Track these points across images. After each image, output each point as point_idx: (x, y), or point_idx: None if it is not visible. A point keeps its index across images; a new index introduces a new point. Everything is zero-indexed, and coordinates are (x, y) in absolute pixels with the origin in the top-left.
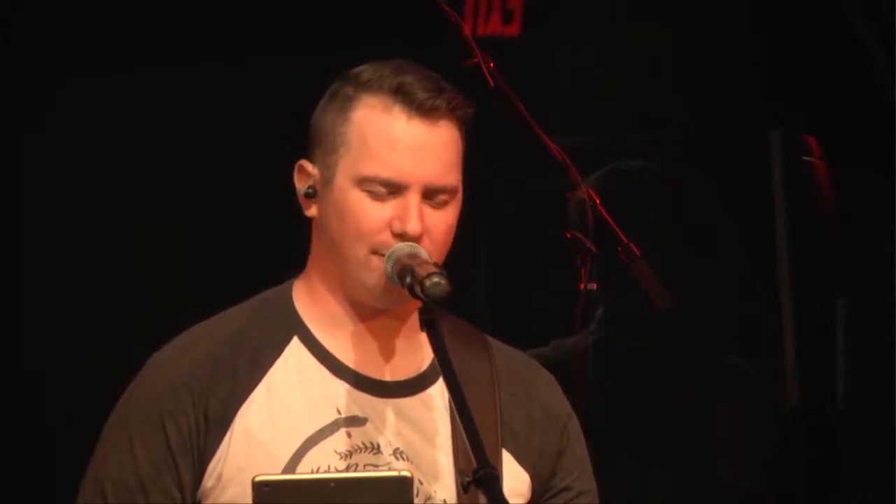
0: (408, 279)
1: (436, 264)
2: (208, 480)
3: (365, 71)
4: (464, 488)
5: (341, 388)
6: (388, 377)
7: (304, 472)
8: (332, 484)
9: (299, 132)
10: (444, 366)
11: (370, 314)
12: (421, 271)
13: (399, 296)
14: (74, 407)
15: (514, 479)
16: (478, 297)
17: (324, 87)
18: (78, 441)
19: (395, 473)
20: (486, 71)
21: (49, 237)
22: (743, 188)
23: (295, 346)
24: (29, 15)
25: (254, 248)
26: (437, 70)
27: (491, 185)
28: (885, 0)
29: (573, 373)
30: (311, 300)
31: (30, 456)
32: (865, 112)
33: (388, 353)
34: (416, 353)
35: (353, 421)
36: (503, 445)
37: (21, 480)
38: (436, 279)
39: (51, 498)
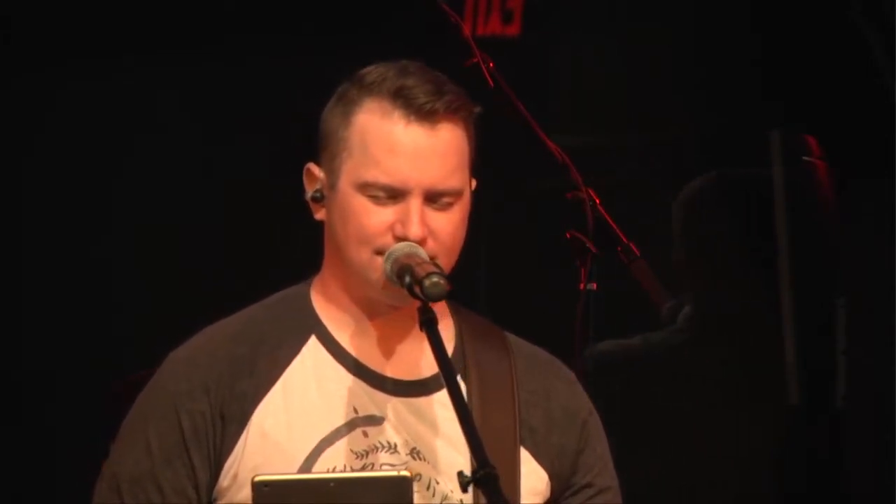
0: (407, 279)
1: (435, 264)
2: (224, 480)
3: (369, 73)
4: (463, 489)
5: (358, 387)
6: (404, 377)
7: (319, 472)
8: (331, 484)
9: (299, 132)
10: (441, 365)
11: (383, 313)
12: (420, 271)
13: (402, 294)
14: (74, 407)
15: (532, 477)
16: (478, 298)
17: (324, 87)
18: (78, 441)
19: (394, 473)
20: (486, 71)
21: (49, 237)
22: (743, 188)
23: (312, 344)
24: (29, 15)
25: (254, 249)
26: (437, 70)
27: (491, 185)
28: (885, 0)
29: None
30: (327, 300)
31: (30, 456)
32: (866, 112)
33: (404, 353)
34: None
35: (370, 420)
36: (521, 443)
37: (21, 480)
38: (435, 279)
39: (51, 498)
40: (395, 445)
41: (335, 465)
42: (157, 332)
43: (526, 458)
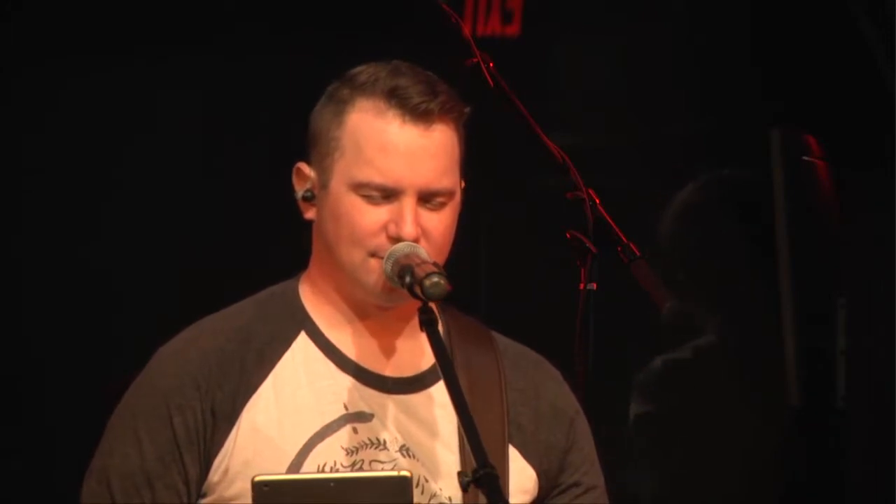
0: (407, 279)
1: (435, 264)
2: (214, 475)
3: (361, 73)
4: (463, 488)
5: (348, 383)
6: (394, 374)
7: (310, 469)
8: (331, 484)
9: (300, 131)
10: (443, 366)
11: (374, 312)
12: (420, 271)
13: (400, 295)
14: (74, 407)
15: (521, 475)
16: (478, 298)
17: (325, 86)
18: (78, 441)
19: (394, 473)
20: (486, 71)
21: (48, 236)
22: (743, 188)
23: (302, 341)
24: (29, 10)
25: (254, 248)
26: (437, 70)
27: (491, 185)
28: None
29: (575, 374)
30: (315, 297)
31: (30, 456)
32: (866, 111)
33: (394, 351)
34: (422, 350)
35: (360, 417)
36: (510, 441)
37: (21, 480)
38: (435, 279)
39: (51, 498)
40: (385, 442)
41: (326, 461)
42: (157, 332)
43: (514, 456)
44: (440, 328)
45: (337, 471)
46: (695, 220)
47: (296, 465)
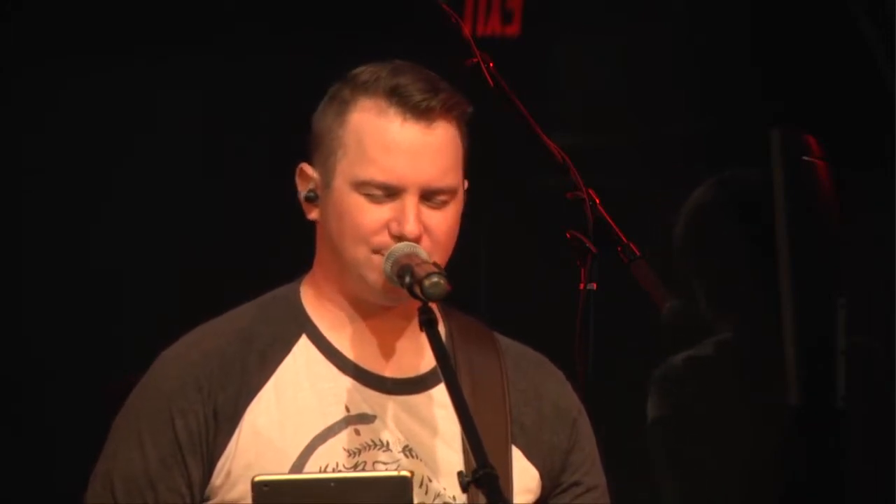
0: (407, 279)
1: (435, 264)
2: (217, 478)
3: (362, 73)
4: (463, 489)
5: (350, 385)
6: (396, 375)
7: (312, 471)
8: (332, 484)
9: (300, 131)
10: (442, 366)
11: (376, 313)
12: (420, 271)
13: (400, 294)
14: (74, 407)
15: (524, 475)
16: (478, 298)
17: (325, 86)
18: (78, 441)
19: (394, 473)
20: (486, 71)
21: (48, 236)
22: (743, 188)
23: (303, 343)
24: (29, 10)
25: (254, 248)
26: (437, 70)
27: (491, 185)
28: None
29: (575, 374)
30: (318, 300)
31: (30, 456)
32: (866, 111)
33: (395, 351)
34: (424, 350)
35: (362, 418)
36: (513, 441)
37: (21, 480)
38: (435, 279)
39: (51, 498)
40: (388, 443)
41: (328, 462)
42: (157, 333)
43: (517, 456)
44: (442, 328)
45: (339, 472)
46: (700, 220)
47: (297, 468)
